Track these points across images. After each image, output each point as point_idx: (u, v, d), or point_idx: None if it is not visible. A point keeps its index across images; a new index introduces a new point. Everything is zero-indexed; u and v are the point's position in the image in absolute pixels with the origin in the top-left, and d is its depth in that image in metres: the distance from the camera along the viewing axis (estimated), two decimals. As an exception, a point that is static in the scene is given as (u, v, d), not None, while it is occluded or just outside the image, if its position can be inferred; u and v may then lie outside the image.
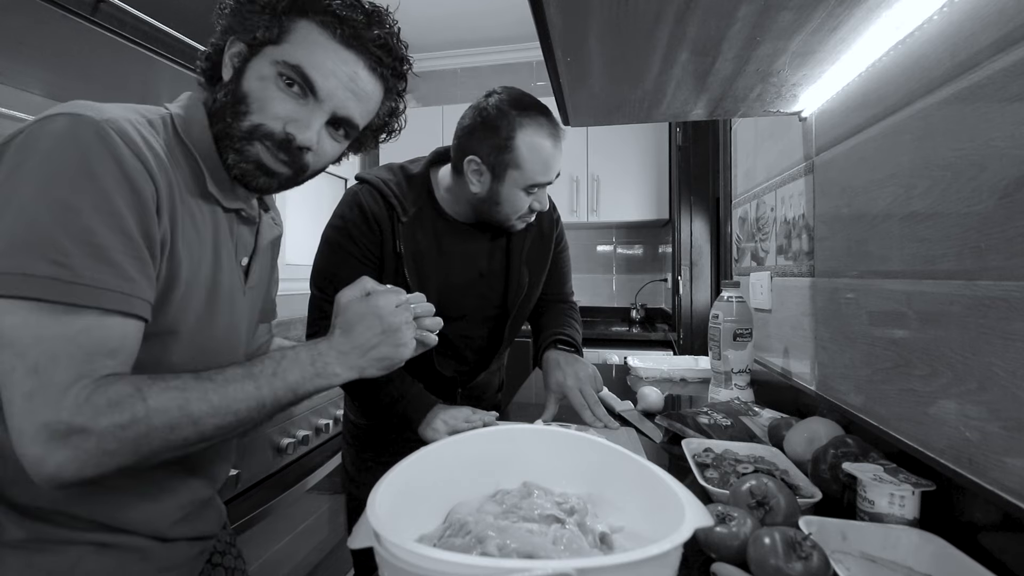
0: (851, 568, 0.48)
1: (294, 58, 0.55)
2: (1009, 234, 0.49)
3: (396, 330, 0.57)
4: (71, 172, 0.44)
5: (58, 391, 0.42)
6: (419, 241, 0.93)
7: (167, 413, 0.46)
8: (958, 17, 0.56)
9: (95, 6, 0.92)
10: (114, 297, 0.45)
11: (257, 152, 0.56)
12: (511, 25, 2.85)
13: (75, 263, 0.43)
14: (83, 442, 0.42)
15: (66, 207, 0.43)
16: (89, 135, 0.45)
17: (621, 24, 0.61)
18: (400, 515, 0.39)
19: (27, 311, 0.42)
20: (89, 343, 0.44)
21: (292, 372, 0.53)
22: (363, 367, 0.57)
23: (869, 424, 0.73)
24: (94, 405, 0.43)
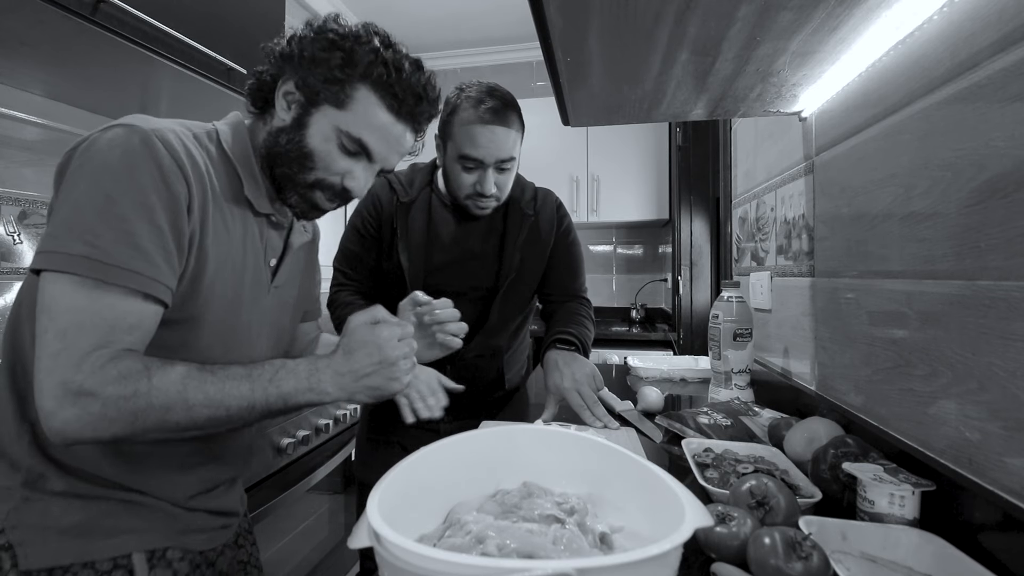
0: (851, 568, 0.48)
1: (356, 131, 0.63)
2: (1009, 234, 0.49)
3: (392, 364, 0.60)
4: (115, 170, 0.51)
5: (79, 355, 0.48)
6: (414, 220, 1.05)
7: (166, 394, 0.50)
8: (958, 17, 0.56)
9: (95, 6, 0.92)
10: (139, 279, 0.51)
11: (316, 198, 0.66)
12: (511, 25, 2.85)
13: (107, 246, 0.49)
14: (89, 404, 0.48)
15: (107, 199, 0.50)
16: (136, 141, 0.52)
17: (621, 24, 0.61)
18: (400, 515, 0.39)
19: (65, 283, 0.49)
20: (112, 317, 0.50)
21: (287, 382, 0.56)
22: (354, 392, 0.59)
23: (869, 424, 0.73)
24: (106, 373, 0.48)
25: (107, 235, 0.50)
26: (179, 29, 1.08)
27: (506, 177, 1.03)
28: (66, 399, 0.47)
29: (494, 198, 1.02)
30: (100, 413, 0.48)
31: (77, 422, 0.48)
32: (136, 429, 0.50)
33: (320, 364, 0.58)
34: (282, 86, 0.64)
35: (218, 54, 1.18)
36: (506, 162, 1.00)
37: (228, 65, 1.22)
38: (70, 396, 0.47)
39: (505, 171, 1.01)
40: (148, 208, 0.51)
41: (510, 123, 0.98)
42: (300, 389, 0.57)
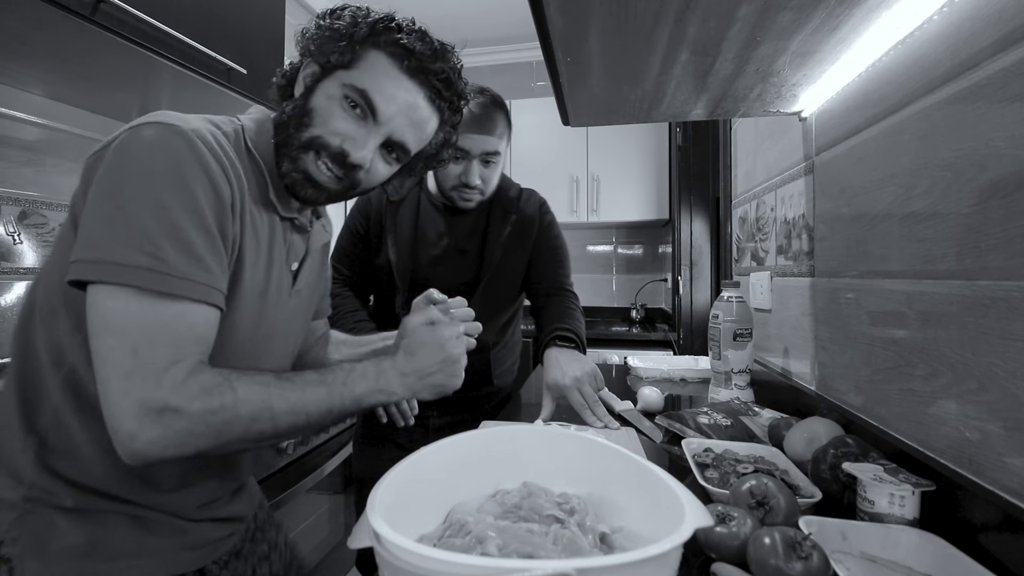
0: (851, 568, 0.48)
1: (361, 82, 0.59)
2: (1009, 234, 0.49)
3: (455, 361, 0.62)
4: (164, 175, 0.49)
5: (156, 371, 0.46)
6: (403, 217, 1.12)
7: (252, 404, 0.50)
8: (958, 17, 0.56)
9: (95, 6, 0.92)
10: (200, 288, 0.50)
11: (307, 163, 0.60)
12: (511, 25, 2.85)
13: (168, 256, 0.48)
14: (175, 422, 0.46)
15: (160, 206, 0.48)
16: (180, 143, 0.50)
17: (621, 24, 0.61)
18: (400, 515, 0.39)
19: (126, 297, 0.46)
20: (181, 329, 0.48)
21: (359, 384, 0.57)
22: (418, 390, 0.61)
23: (869, 424, 0.73)
24: (189, 388, 0.47)
25: (166, 244, 0.47)
26: (179, 29, 1.08)
27: (490, 171, 1.07)
28: (147, 418, 0.45)
29: (478, 190, 1.06)
30: (186, 429, 0.47)
31: (161, 441, 0.46)
32: (221, 442, 0.49)
33: (385, 365, 0.59)
34: (303, 69, 0.63)
35: (218, 54, 1.18)
36: (491, 155, 1.05)
37: (228, 65, 1.22)
38: (152, 415, 0.45)
39: (490, 164, 1.06)
40: (200, 214, 0.50)
41: (496, 119, 1.05)
42: (371, 390, 0.58)
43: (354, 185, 0.64)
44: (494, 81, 3.18)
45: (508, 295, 1.19)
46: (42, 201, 1.30)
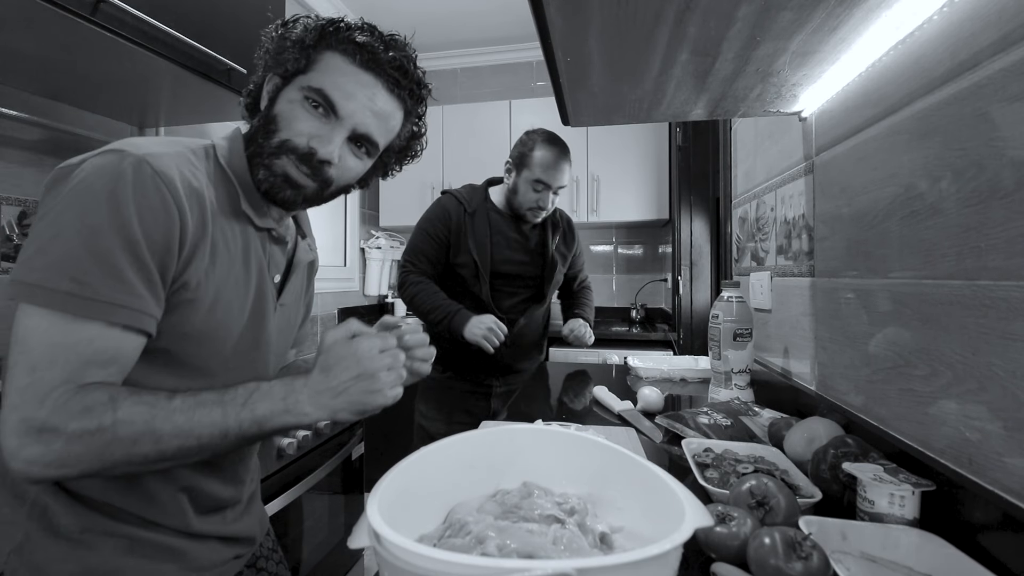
0: (851, 568, 0.48)
1: (318, 83, 0.60)
2: (1009, 234, 0.49)
3: (371, 376, 0.56)
4: (100, 200, 0.49)
5: (44, 390, 0.46)
6: (478, 224, 1.46)
7: (132, 426, 0.48)
8: (958, 17, 0.56)
9: (95, 6, 0.92)
10: (123, 312, 0.49)
11: (283, 165, 0.61)
12: (511, 25, 2.85)
13: (93, 280, 0.48)
14: (52, 441, 0.46)
15: (91, 230, 0.48)
16: (124, 168, 0.50)
17: (621, 24, 0.61)
18: (400, 515, 0.39)
19: (42, 317, 0.47)
20: (88, 352, 0.48)
21: (262, 405, 0.53)
22: (335, 409, 0.55)
23: (869, 424, 0.73)
24: (69, 409, 0.46)
25: (93, 269, 0.48)
26: (179, 29, 1.08)
27: (555, 199, 1.48)
28: (28, 436, 0.45)
29: (544, 212, 1.47)
30: (64, 450, 0.46)
31: (41, 460, 0.45)
32: (104, 464, 0.48)
33: (297, 384, 0.55)
34: (266, 85, 0.65)
35: (218, 54, 1.18)
36: (561, 188, 1.46)
37: (228, 65, 1.22)
38: (32, 433, 0.45)
39: (557, 195, 1.47)
40: (131, 241, 0.49)
41: (567, 163, 1.44)
42: (276, 411, 0.53)
43: (327, 182, 0.64)
44: (494, 81, 3.19)
45: (553, 285, 1.59)
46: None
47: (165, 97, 1.32)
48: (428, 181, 2.86)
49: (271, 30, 0.66)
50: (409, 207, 2.91)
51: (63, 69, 1.12)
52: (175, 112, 1.43)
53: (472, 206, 1.47)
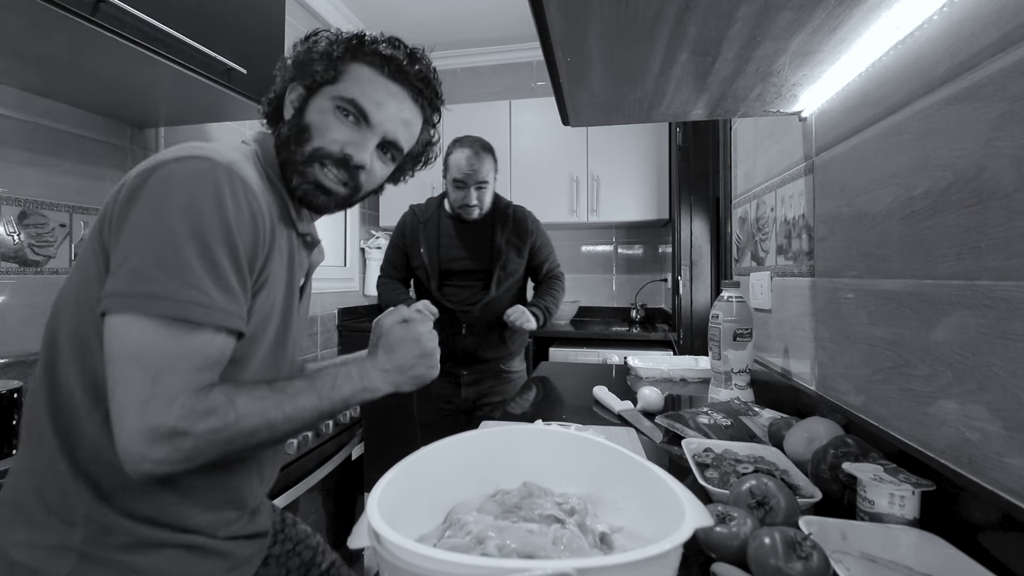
0: (851, 568, 0.48)
1: (349, 93, 0.64)
2: (1009, 234, 0.49)
3: (431, 354, 0.68)
4: (210, 210, 0.52)
5: (169, 399, 0.49)
6: (429, 230, 1.67)
7: (251, 419, 0.54)
8: (958, 17, 0.56)
9: (95, 6, 0.92)
10: (231, 318, 0.54)
11: (315, 173, 0.65)
12: (511, 25, 2.85)
13: (212, 292, 0.52)
14: (182, 443, 0.50)
15: (205, 244, 0.51)
16: (220, 177, 0.53)
17: (621, 24, 0.61)
18: (400, 515, 0.39)
19: (154, 328, 0.49)
20: (199, 358, 0.52)
21: (345, 386, 0.62)
22: (400, 383, 0.66)
23: (869, 424, 0.73)
24: (196, 411, 0.50)
25: (208, 281, 0.51)
26: (179, 29, 1.08)
27: (483, 193, 1.59)
28: (157, 441, 0.48)
29: (476, 207, 1.59)
30: (193, 447, 0.50)
31: (168, 460, 0.49)
32: (225, 452, 0.53)
33: (367, 365, 0.64)
34: (288, 94, 0.68)
35: (218, 54, 1.18)
36: (482, 183, 1.57)
37: (228, 65, 1.22)
38: (161, 439, 0.49)
39: (481, 189, 1.58)
40: (234, 248, 0.54)
41: (482, 158, 1.56)
42: (356, 390, 0.62)
43: (358, 187, 0.68)
44: (494, 81, 3.19)
45: (514, 280, 1.67)
46: (42, 201, 1.30)
47: (165, 97, 1.32)
48: (428, 181, 2.86)
49: (296, 43, 0.69)
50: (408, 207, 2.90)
51: (63, 69, 1.12)
52: (175, 112, 1.44)
53: (425, 216, 1.68)
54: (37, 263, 1.30)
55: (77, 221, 1.39)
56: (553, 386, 1.39)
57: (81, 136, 1.39)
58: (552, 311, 1.69)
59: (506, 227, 1.66)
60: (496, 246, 1.63)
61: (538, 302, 1.69)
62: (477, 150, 1.56)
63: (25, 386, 1.07)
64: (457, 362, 1.67)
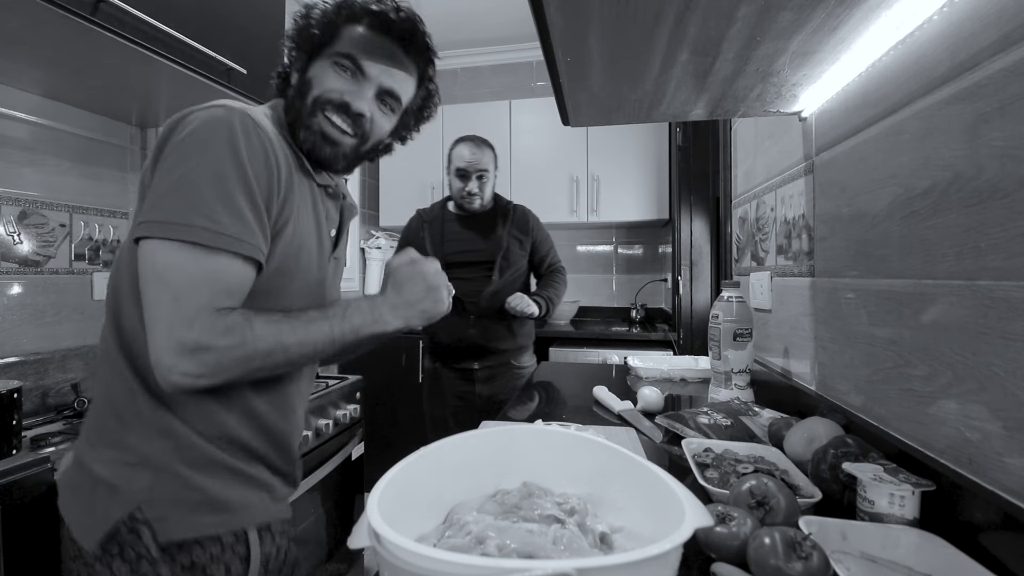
0: (851, 568, 0.48)
1: (344, 49, 0.69)
2: (1009, 234, 0.49)
3: (437, 288, 0.71)
4: (223, 148, 0.58)
5: (191, 315, 0.55)
6: (433, 227, 1.78)
7: (266, 340, 0.58)
8: (958, 17, 0.56)
9: (95, 6, 0.92)
10: (244, 246, 0.58)
11: (320, 122, 0.69)
12: (511, 25, 2.85)
13: (221, 218, 0.56)
14: (205, 356, 0.55)
15: (217, 176, 0.57)
16: (234, 121, 0.59)
17: (621, 24, 0.61)
18: (400, 515, 0.39)
19: (177, 251, 0.55)
20: (219, 281, 0.57)
21: (356, 317, 0.65)
22: (410, 317, 0.69)
23: (869, 424, 0.73)
24: (216, 328, 0.55)
25: (220, 208, 0.56)
26: (179, 29, 1.08)
27: (483, 183, 1.70)
28: (183, 354, 0.54)
29: (477, 197, 1.70)
30: (215, 362, 0.55)
31: (195, 372, 0.55)
32: (245, 372, 0.58)
33: (377, 300, 0.68)
34: (294, 64, 0.73)
35: (218, 54, 1.18)
36: (483, 172, 1.69)
37: (228, 65, 1.22)
38: (187, 352, 0.54)
39: (483, 179, 1.70)
40: (248, 183, 0.58)
41: (483, 149, 1.70)
42: (367, 322, 0.66)
43: (364, 137, 0.72)
44: (494, 81, 3.19)
45: (518, 271, 1.76)
46: (42, 201, 1.30)
47: (165, 97, 1.32)
48: (428, 181, 2.86)
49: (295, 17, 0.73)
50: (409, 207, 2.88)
51: (63, 69, 1.12)
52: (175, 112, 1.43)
53: (430, 216, 1.81)
54: (37, 263, 1.30)
55: (77, 221, 1.39)
56: (553, 386, 1.39)
57: (81, 136, 1.39)
58: (554, 301, 1.74)
59: (507, 221, 1.75)
60: (498, 236, 1.72)
61: (540, 292, 1.74)
62: (478, 143, 1.70)
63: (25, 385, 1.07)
64: (468, 355, 1.72)
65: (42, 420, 1.20)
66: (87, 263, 1.42)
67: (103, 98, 1.32)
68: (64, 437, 1.05)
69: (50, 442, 1.02)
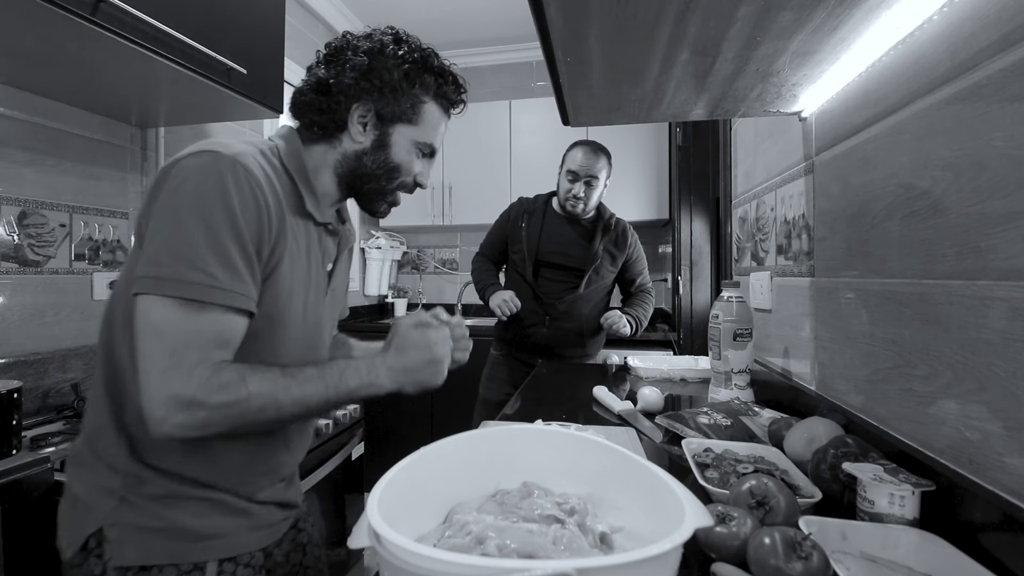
0: (851, 568, 0.48)
1: (428, 139, 0.75)
2: (1009, 234, 0.49)
3: (439, 361, 0.70)
4: (215, 199, 0.57)
5: (187, 371, 0.55)
6: (533, 221, 1.80)
7: (260, 399, 0.58)
8: (958, 17, 0.56)
9: (95, 6, 0.92)
10: (238, 298, 0.58)
11: (397, 199, 0.78)
12: (511, 25, 2.85)
13: (215, 272, 0.56)
14: (197, 411, 0.55)
15: (209, 228, 0.56)
16: (224, 169, 0.58)
17: (621, 24, 0.61)
18: (400, 515, 0.39)
19: (171, 307, 0.55)
20: (212, 334, 0.57)
21: (352, 379, 0.65)
22: (403, 384, 0.68)
23: (869, 424, 0.73)
24: (211, 385, 0.55)
25: (212, 262, 0.56)
26: (179, 29, 1.08)
27: (591, 190, 1.71)
28: (176, 409, 0.54)
29: (582, 202, 1.70)
30: (206, 418, 0.55)
31: (185, 426, 0.55)
32: (235, 426, 0.58)
33: (376, 362, 0.67)
34: (355, 111, 0.71)
35: (218, 54, 1.18)
36: (592, 178, 1.69)
37: (228, 65, 1.22)
38: (180, 407, 0.54)
39: (591, 185, 1.70)
40: (239, 233, 0.58)
41: (599, 156, 1.70)
42: (362, 384, 0.65)
43: None
44: (494, 81, 3.19)
45: (603, 284, 1.79)
46: (42, 201, 1.30)
47: (165, 97, 1.32)
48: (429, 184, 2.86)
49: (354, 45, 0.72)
50: (408, 207, 2.91)
51: (63, 69, 1.12)
52: (175, 112, 1.43)
53: (532, 208, 1.83)
54: (37, 263, 1.30)
55: (77, 221, 1.39)
56: (553, 386, 1.39)
57: (81, 136, 1.39)
58: (643, 322, 1.77)
59: (607, 235, 1.77)
60: (594, 249, 1.73)
61: (632, 311, 1.75)
62: (595, 148, 1.70)
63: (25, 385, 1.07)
64: (535, 352, 1.77)
65: (42, 420, 1.20)
66: (87, 263, 1.42)
67: (103, 98, 1.32)
68: (64, 437, 1.05)
69: (50, 442, 1.02)
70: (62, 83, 1.21)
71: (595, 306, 1.78)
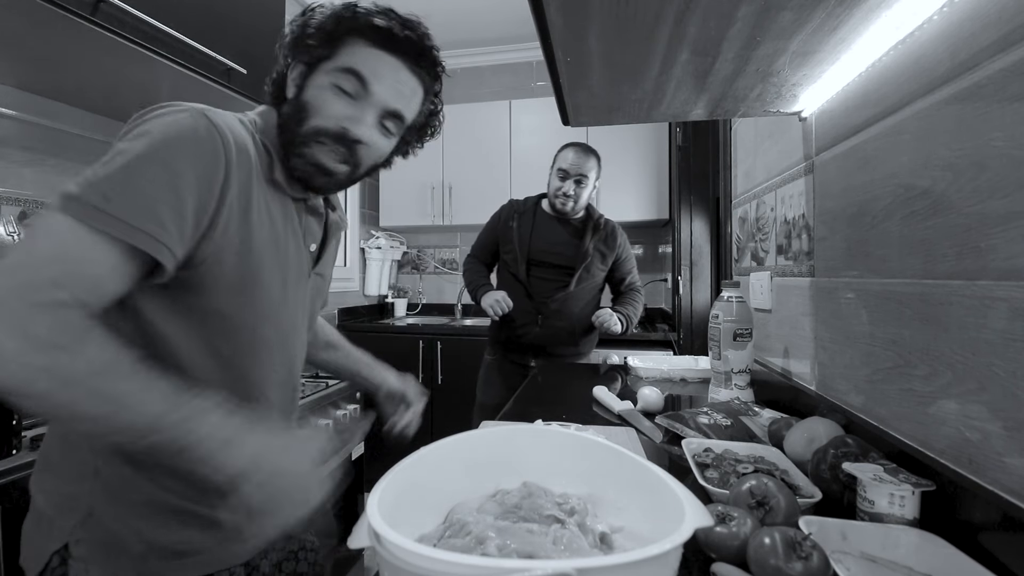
0: (851, 568, 0.48)
1: (346, 63, 0.63)
2: (1009, 234, 0.49)
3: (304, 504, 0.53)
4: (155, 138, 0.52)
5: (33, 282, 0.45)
6: (523, 221, 1.82)
7: (92, 363, 0.45)
8: (958, 17, 0.56)
9: (95, 6, 0.92)
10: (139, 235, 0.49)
11: (315, 153, 0.64)
12: (511, 25, 2.85)
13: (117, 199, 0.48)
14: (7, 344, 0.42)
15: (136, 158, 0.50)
16: (182, 117, 0.55)
17: (621, 24, 0.61)
18: (400, 515, 0.39)
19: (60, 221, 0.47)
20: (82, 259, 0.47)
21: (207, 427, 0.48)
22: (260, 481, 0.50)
23: (869, 424, 0.73)
24: (44, 316, 0.44)
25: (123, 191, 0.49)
26: (179, 29, 1.08)
27: (581, 188, 1.72)
28: None
29: (572, 199, 1.72)
30: (15, 349, 0.42)
31: None
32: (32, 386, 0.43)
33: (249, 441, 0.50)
34: (290, 73, 0.67)
35: (218, 54, 1.18)
36: (582, 177, 1.71)
37: (228, 65, 1.22)
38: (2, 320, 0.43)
39: (581, 184, 1.72)
40: (176, 175, 0.51)
41: (589, 156, 1.73)
42: (214, 445, 0.48)
43: (357, 163, 0.67)
44: (494, 81, 3.19)
45: (594, 283, 1.80)
46: (42, 201, 1.30)
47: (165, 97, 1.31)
48: (428, 182, 2.86)
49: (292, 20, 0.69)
50: (408, 207, 2.91)
51: (63, 69, 1.12)
52: (175, 112, 1.44)
53: (522, 208, 1.86)
54: (37, 263, 1.29)
55: (77, 221, 1.39)
56: (553, 386, 1.39)
57: (81, 136, 1.39)
58: (633, 320, 1.78)
59: (596, 233, 1.80)
60: (584, 247, 1.76)
61: (622, 310, 1.77)
62: (585, 149, 1.74)
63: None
64: (528, 351, 1.78)
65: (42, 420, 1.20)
66: (87, 263, 1.42)
67: (103, 98, 1.32)
68: (64, 437, 1.05)
69: (50, 442, 1.02)
70: (62, 83, 1.21)
71: (586, 304, 1.79)
